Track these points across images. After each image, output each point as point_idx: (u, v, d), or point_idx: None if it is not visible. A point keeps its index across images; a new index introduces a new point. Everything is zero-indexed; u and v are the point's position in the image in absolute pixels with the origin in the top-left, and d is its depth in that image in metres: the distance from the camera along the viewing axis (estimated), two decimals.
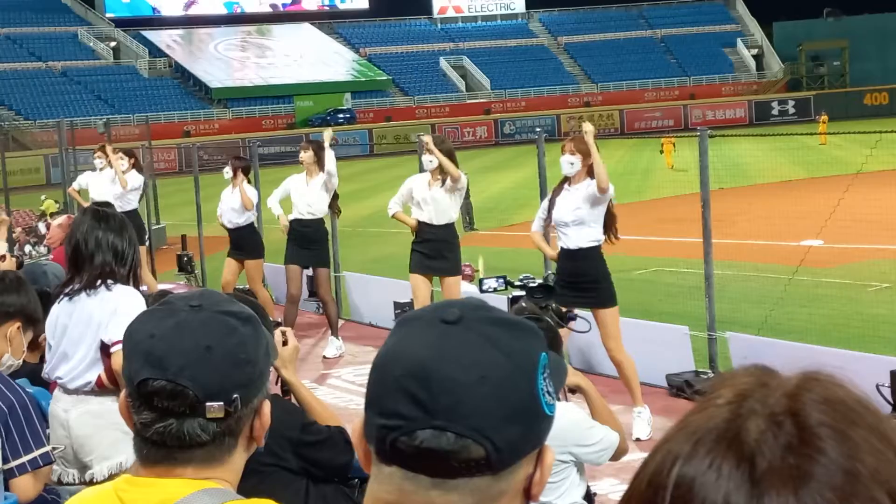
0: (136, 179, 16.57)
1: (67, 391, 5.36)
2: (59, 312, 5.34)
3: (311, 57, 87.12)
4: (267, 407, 2.12)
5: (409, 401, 1.38)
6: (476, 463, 1.37)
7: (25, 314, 4.71)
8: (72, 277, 5.38)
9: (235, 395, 2.03)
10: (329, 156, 13.50)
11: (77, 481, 5.32)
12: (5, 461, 4.41)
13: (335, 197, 13.78)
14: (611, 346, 9.57)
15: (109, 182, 16.40)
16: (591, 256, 9.45)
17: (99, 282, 5.34)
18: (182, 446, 2.04)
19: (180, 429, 2.03)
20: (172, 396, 2.02)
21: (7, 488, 4.47)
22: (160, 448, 2.05)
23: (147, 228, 20.11)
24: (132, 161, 16.64)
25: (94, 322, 5.28)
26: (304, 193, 13.57)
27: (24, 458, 4.40)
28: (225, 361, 2.04)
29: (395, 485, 1.42)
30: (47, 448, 4.49)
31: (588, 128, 9.41)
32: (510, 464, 1.40)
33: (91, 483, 5.37)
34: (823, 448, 0.90)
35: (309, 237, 13.72)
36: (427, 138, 11.92)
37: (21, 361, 4.82)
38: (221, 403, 2.02)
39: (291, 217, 13.70)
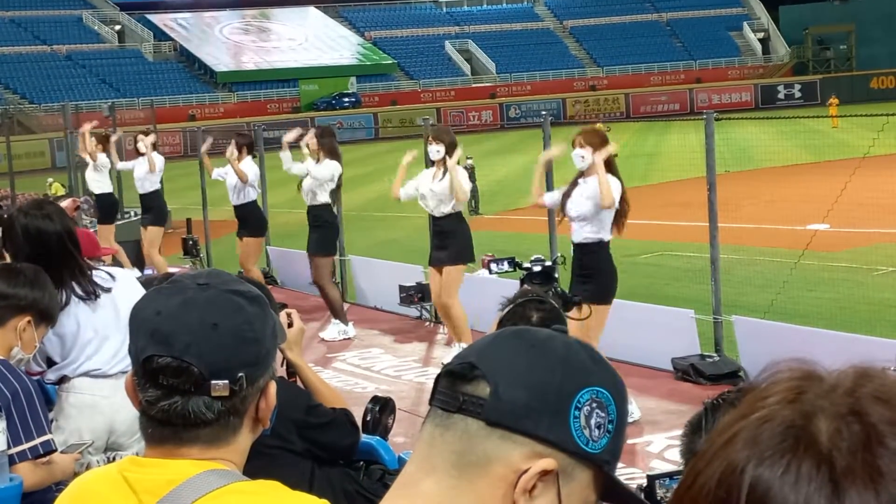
0: (159, 160, 16.92)
1: (106, 376, 5.25)
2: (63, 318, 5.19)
3: (315, 41, 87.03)
4: (273, 388, 2.10)
5: None
6: None
7: (38, 309, 4.65)
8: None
9: (241, 374, 2.02)
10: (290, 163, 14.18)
11: (106, 462, 5.27)
12: (6, 448, 4.41)
13: (337, 186, 13.82)
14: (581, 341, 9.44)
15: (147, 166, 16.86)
16: (590, 251, 9.47)
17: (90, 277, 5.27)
18: (187, 425, 2.03)
19: (185, 407, 2.02)
20: (177, 373, 2.01)
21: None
22: (165, 427, 2.04)
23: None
24: (152, 140, 16.92)
25: (120, 308, 5.18)
26: (307, 179, 13.68)
27: (25, 446, 4.39)
28: (231, 339, 2.03)
29: None
30: (49, 436, 4.48)
31: (604, 152, 9.34)
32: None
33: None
34: (890, 444, 0.88)
35: (309, 223, 13.87)
36: (451, 161, 11.77)
37: (30, 357, 4.80)
38: (226, 382, 2.01)
39: None
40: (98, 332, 5.26)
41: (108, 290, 5.27)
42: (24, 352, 4.66)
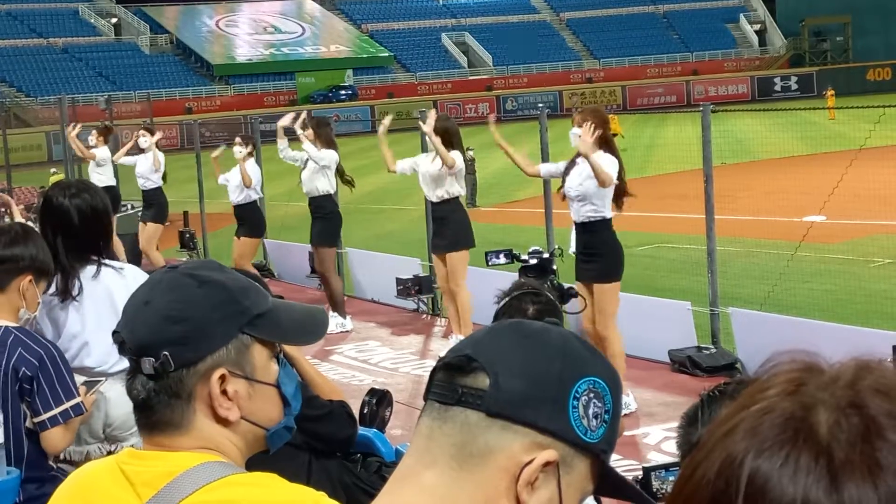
0: (160, 157, 16.91)
1: (105, 375, 5.13)
2: (50, 312, 5.09)
3: (312, 33, 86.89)
4: (216, 375, 2.05)
5: None
6: None
7: (36, 266, 4.64)
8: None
9: (165, 353, 2.03)
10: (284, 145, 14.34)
11: (105, 454, 5.21)
12: (36, 414, 4.44)
13: (341, 172, 13.84)
14: (598, 321, 9.49)
15: (151, 162, 16.76)
16: (594, 230, 9.46)
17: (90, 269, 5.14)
18: (141, 408, 2.08)
19: (132, 386, 2.07)
20: (121, 348, 2.08)
21: (37, 441, 4.49)
22: (137, 413, 2.10)
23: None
24: (156, 138, 16.90)
25: (116, 301, 5.01)
26: (306, 170, 13.71)
27: (56, 411, 4.44)
28: (155, 316, 2.05)
29: None
30: (78, 399, 4.51)
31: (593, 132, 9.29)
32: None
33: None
34: (889, 437, 0.88)
35: (311, 214, 13.89)
36: (427, 126, 11.82)
37: (37, 313, 4.79)
38: (152, 359, 2.03)
39: None
40: (86, 326, 5.15)
41: (80, 293, 5.13)
42: (30, 310, 4.67)
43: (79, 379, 4.96)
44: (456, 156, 11.79)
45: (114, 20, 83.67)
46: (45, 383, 4.42)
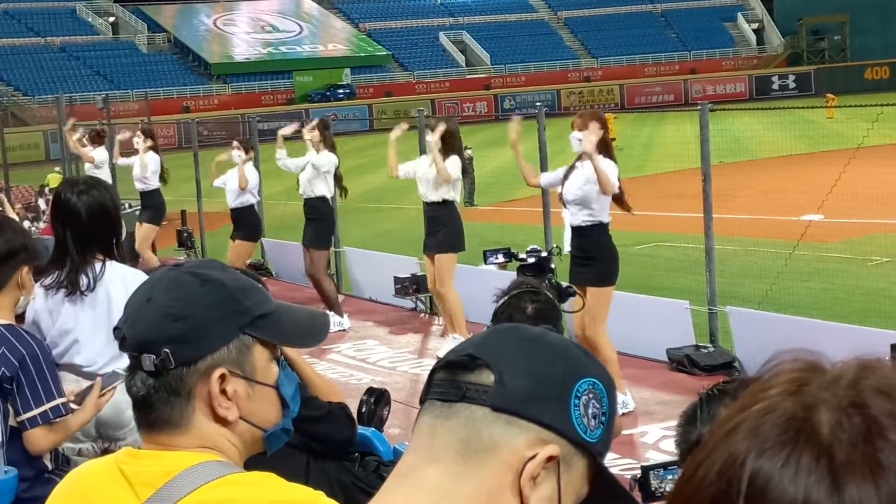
0: (153, 160, 16.64)
1: (96, 375, 5.03)
2: (50, 304, 5.07)
3: (310, 32, 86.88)
4: (216, 375, 2.06)
5: None
6: None
7: (30, 256, 4.60)
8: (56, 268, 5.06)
9: (166, 350, 2.03)
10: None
11: (98, 452, 5.17)
12: (17, 414, 4.41)
13: (338, 178, 13.86)
14: (588, 326, 9.35)
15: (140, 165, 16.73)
16: (590, 234, 9.41)
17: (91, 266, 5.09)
18: (136, 405, 2.08)
19: (132, 383, 2.07)
20: (122, 344, 2.09)
21: (21, 442, 4.47)
22: (137, 411, 2.09)
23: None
24: (149, 143, 16.68)
25: (113, 303, 5.00)
26: (305, 171, 13.74)
27: (36, 412, 4.39)
28: (157, 314, 2.06)
29: None
30: (59, 401, 4.46)
31: (590, 140, 9.19)
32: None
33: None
34: (891, 437, 0.88)
35: (305, 215, 13.90)
36: (433, 136, 11.76)
37: (32, 297, 4.79)
38: (153, 356, 2.04)
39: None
40: (79, 324, 5.11)
41: (91, 289, 5.10)
42: (27, 294, 4.67)
43: (69, 377, 4.95)
44: (454, 162, 11.77)
45: (111, 19, 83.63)
46: (25, 383, 4.37)
